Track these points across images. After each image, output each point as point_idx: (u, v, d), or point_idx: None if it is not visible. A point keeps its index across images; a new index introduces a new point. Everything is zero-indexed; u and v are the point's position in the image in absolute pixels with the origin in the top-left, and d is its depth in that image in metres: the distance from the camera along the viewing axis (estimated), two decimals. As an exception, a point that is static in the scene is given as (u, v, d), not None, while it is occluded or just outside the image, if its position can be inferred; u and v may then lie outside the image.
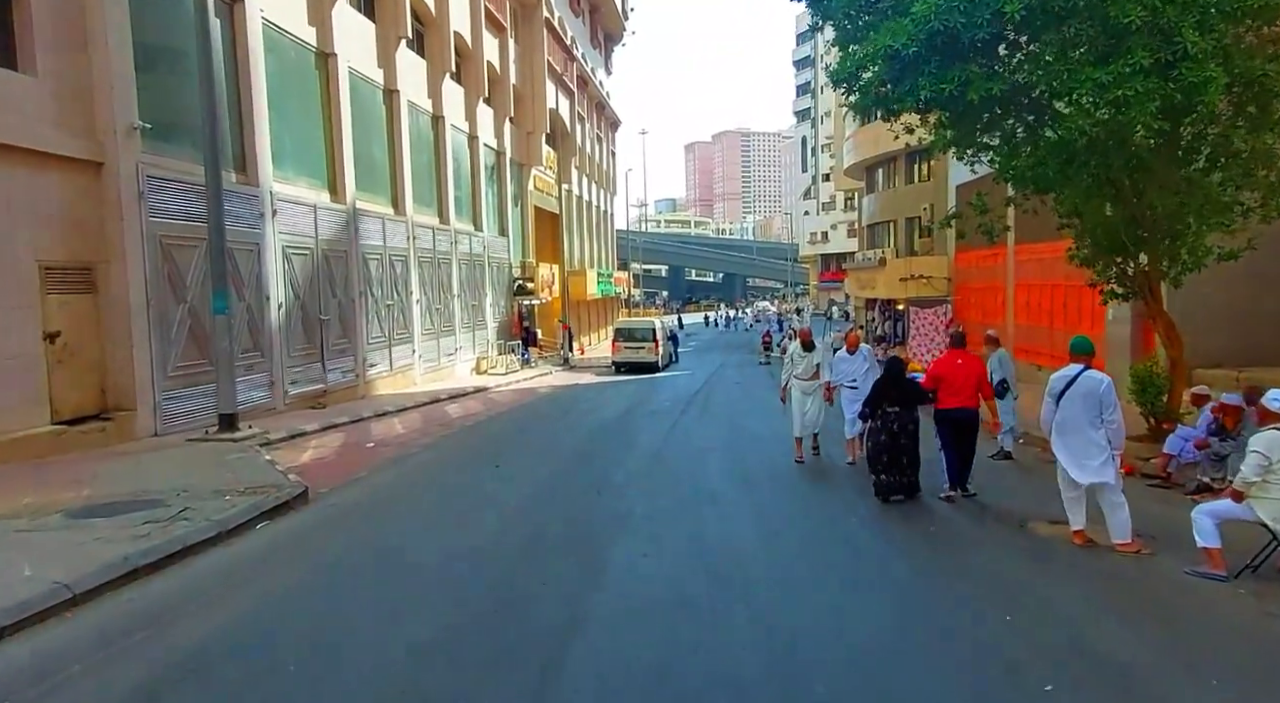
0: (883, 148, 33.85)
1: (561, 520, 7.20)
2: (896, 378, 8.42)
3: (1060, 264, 18.92)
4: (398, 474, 9.70)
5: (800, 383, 10.30)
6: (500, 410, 17.26)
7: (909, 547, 6.52)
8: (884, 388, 8.29)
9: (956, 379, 8.17)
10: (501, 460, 10.53)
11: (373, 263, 19.50)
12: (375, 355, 19.53)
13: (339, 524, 7.29)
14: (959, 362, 8.37)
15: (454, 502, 8.17)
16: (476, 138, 27.54)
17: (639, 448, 11.51)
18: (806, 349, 10.35)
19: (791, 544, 6.55)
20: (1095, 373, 6.45)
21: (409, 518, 7.59)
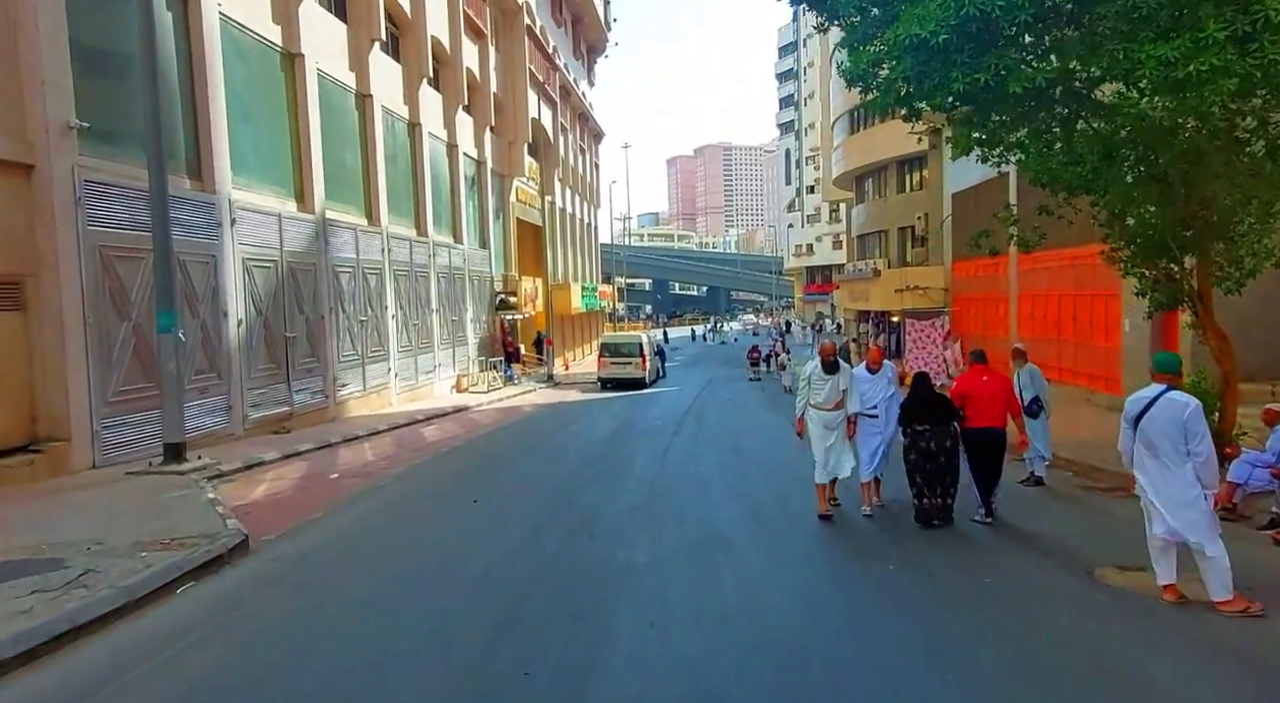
0: (873, 157, 33.19)
1: (550, 576, 6.03)
2: (924, 396, 7.93)
3: (1069, 273, 18.12)
4: (359, 515, 8.46)
5: (820, 414, 8.09)
6: (481, 433, 16.10)
7: (968, 606, 5.40)
8: (912, 407, 7.87)
9: (982, 397, 7.75)
10: (480, 494, 9.38)
11: (344, 276, 18.34)
12: (347, 375, 18.32)
13: (278, 586, 6.06)
14: (984, 379, 7.92)
15: (422, 553, 6.93)
16: (456, 147, 26.49)
17: (632, 476, 10.40)
18: (829, 370, 7.99)
19: (826, 605, 5.41)
20: (1179, 395, 5.43)
21: (363, 578, 6.24)
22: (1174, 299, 9.39)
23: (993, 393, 7.78)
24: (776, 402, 22.13)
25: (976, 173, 23.27)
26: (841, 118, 35.97)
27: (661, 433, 15.28)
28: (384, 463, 11.98)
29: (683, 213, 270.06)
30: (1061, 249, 17.98)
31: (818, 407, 8.14)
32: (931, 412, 7.73)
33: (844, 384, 8.06)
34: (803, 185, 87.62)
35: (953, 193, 25.27)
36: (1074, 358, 17.69)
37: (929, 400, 7.87)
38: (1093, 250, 16.97)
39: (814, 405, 8.16)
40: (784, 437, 14.83)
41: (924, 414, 7.72)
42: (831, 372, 8.05)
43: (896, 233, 32.98)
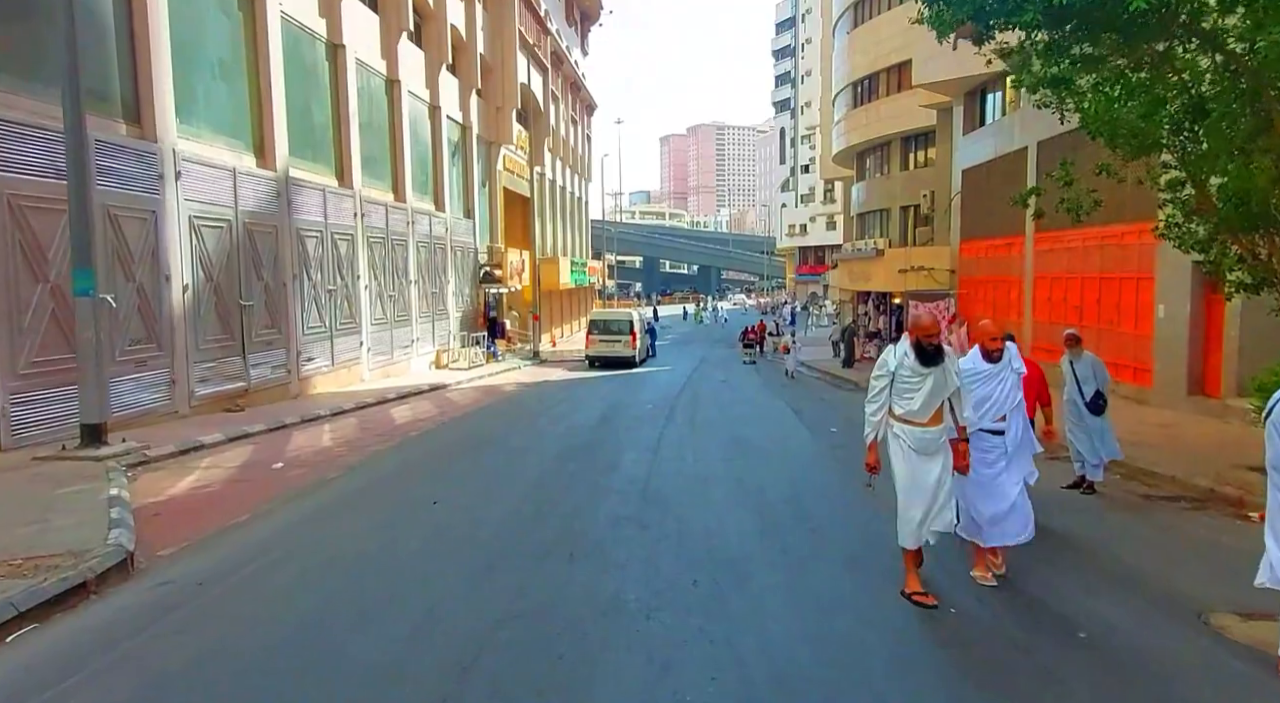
0: (876, 132, 31.76)
1: (514, 619, 4.59)
2: None
3: (1095, 254, 16.86)
4: (292, 520, 7.00)
5: (911, 432, 5.15)
6: (456, 415, 14.72)
7: (1077, 679, 4.06)
8: None
9: None
10: (442, 494, 8.01)
11: (310, 241, 16.82)
12: (313, 348, 16.87)
13: (148, 634, 4.49)
14: None
15: (356, 579, 5.42)
16: (439, 108, 24.84)
17: (621, 474, 9.06)
18: (927, 360, 5.03)
19: (877, 676, 4.07)
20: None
21: (268, 623, 4.67)
22: (1262, 280, 8.06)
23: (1024, 382, 6.61)
24: (774, 385, 20.86)
25: (990, 147, 21.92)
26: (844, 91, 34.44)
27: (653, 419, 13.96)
28: (340, 450, 10.59)
29: (675, 192, 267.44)
30: (1086, 228, 16.64)
31: (907, 420, 5.12)
32: None
33: (953, 384, 5.11)
34: (797, 164, 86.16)
35: (963, 169, 23.89)
36: (1097, 346, 16.29)
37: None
38: (1123, 229, 15.77)
39: (901, 418, 5.16)
40: (788, 426, 13.57)
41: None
42: (931, 363, 4.99)
43: (899, 212, 31.65)
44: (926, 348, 4.99)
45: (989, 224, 22.09)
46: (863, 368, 25.36)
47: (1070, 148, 17.60)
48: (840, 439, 12.11)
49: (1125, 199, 15.39)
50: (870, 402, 5.29)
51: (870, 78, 31.91)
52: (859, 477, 8.85)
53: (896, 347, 5.24)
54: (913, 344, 5.08)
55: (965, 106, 23.76)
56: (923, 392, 5.04)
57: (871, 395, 5.27)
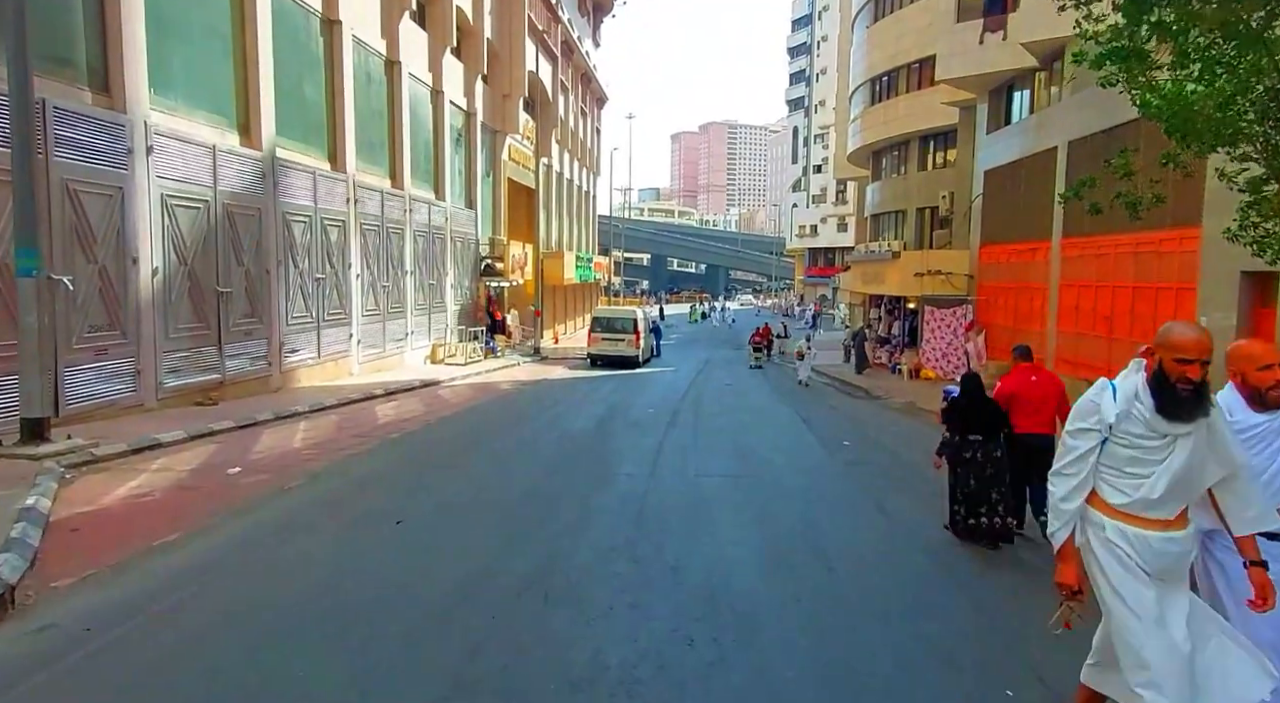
0: (894, 131, 30.76)
1: (460, 688, 3.73)
2: (977, 397, 6.86)
3: (1129, 261, 15.86)
4: (227, 543, 5.99)
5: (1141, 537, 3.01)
6: (444, 414, 13.83)
7: None
8: (963, 408, 6.84)
9: (1032, 398, 6.92)
10: (410, 510, 7.09)
11: (298, 226, 15.94)
12: (297, 339, 15.99)
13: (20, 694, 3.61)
14: (1033, 379, 7.07)
15: (285, 627, 4.45)
16: (441, 93, 23.95)
17: (615, 490, 8.15)
18: (1179, 413, 2.95)
19: None
20: None
21: (163, 687, 3.75)
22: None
23: (1044, 395, 6.92)
24: (781, 391, 19.92)
25: (1015, 147, 20.94)
26: (861, 88, 33.43)
27: (654, 425, 13.06)
28: (309, 453, 9.69)
29: (684, 189, 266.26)
30: (1119, 234, 15.71)
31: (1131, 515, 3.06)
32: (985, 418, 6.72)
33: (1226, 456, 3.06)
34: (810, 164, 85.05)
35: (986, 170, 22.89)
36: (1128, 359, 15.45)
37: (983, 404, 6.81)
38: (1161, 235, 14.79)
39: (1117, 511, 3.09)
40: (798, 437, 12.64)
41: (974, 421, 6.69)
42: (1184, 418, 2.96)
43: (915, 213, 30.65)
44: (1175, 392, 2.94)
45: (1012, 228, 21.10)
46: (874, 375, 24.45)
47: (1107, 148, 16.64)
48: (854, 454, 11.19)
49: (1166, 201, 14.42)
50: (1062, 475, 3.18)
51: (889, 74, 30.90)
52: (881, 503, 8.01)
53: (1115, 384, 3.24)
54: (1154, 386, 3.01)
55: (990, 104, 22.76)
56: (1169, 467, 2.98)
57: (1065, 463, 3.18)
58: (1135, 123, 15.33)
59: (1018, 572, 5.95)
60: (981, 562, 6.15)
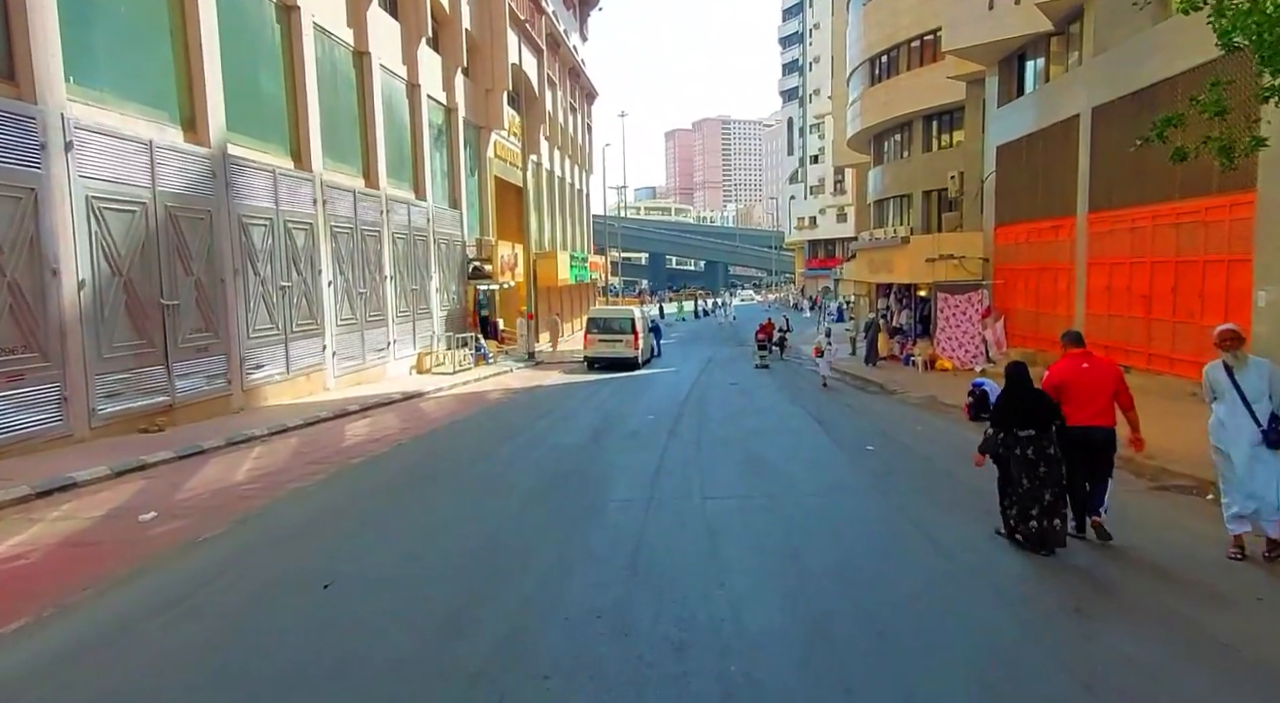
0: (896, 111, 29.34)
1: None
2: (1024, 387, 6.30)
3: (1169, 234, 14.42)
4: (98, 626, 4.65)
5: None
6: (420, 432, 12.47)
7: None
8: (1011, 404, 6.28)
9: (1085, 387, 6.30)
10: (346, 568, 5.67)
11: (257, 230, 14.58)
12: (261, 354, 14.64)
13: None
14: (1084, 366, 6.41)
15: None
16: (418, 87, 22.58)
17: (604, 525, 6.76)
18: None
19: None
20: None
21: None
22: None
23: (1097, 382, 6.27)
24: (790, 389, 18.52)
25: (1031, 119, 19.52)
26: (860, 68, 32.01)
27: (653, 436, 11.68)
28: (248, 488, 8.32)
29: (680, 187, 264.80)
30: (1158, 204, 14.32)
31: None
32: (1034, 411, 6.14)
33: None
34: (806, 155, 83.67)
35: (998, 145, 21.49)
36: (1170, 341, 14.08)
37: (1029, 395, 6.22)
38: (1207, 203, 13.37)
39: None
40: (814, 443, 11.26)
41: (1026, 414, 6.13)
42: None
43: (921, 197, 29.23)
44: None
45: (1030, 205, 19.70)
46: (886, 367, 23.05)
47: (1138, 112, 15.24)
48: (881, 460, 9.81)
49: (1209, 166, 13.04)
50: None
51: (889, 52, 29.50)
52: (925, 527, 6.61)
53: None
54: None
55: (1000, 76, 21.35)
56: None
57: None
58: (1173, 81, 13.95)
59: (1130, 622, 4.57)
60: (1073, 612, 4.77)
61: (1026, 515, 5.95)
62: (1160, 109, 14.62)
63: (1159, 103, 14.35)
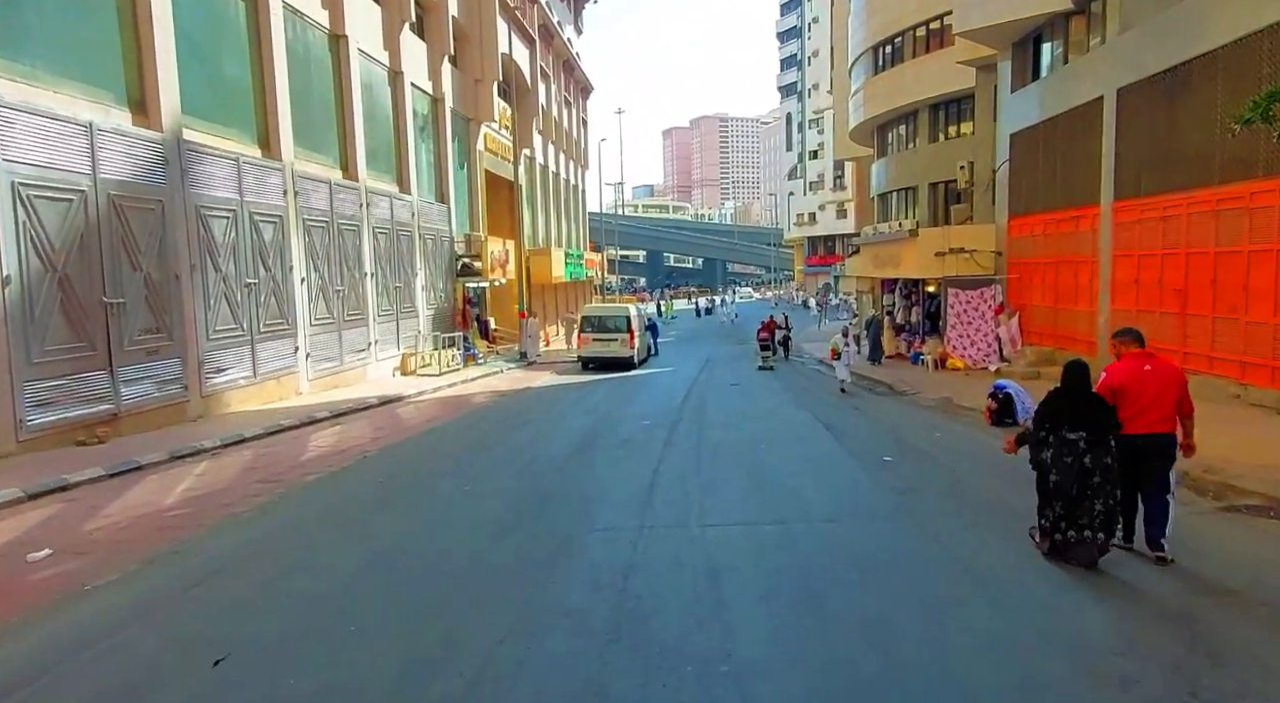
0: (901, 100, 28.21)
1: None
2: (1080, 390, 5.76)
3: (1208, 222, 13.14)
4: None
5: None
6: (392, 442, 11.35)
7: None
8: (1061, 404, 5.75)
9: (1147, 391, 5.78)
10: (247, 635, 4.51)
11: (218, 222, 13.46)
12: (223, 356, 13.53)
13: None
14: (1146, 368, 5.89)
15: None
16: (401, 74, 21.46)
17: (584, 565, 5.63)
18: None
19: None
20: None
21: None
22: None
23: (1161, 386, 5.81)
24: (794, 389, 17.42)
25: (1048, 103, 18.35)
26: (862, 58, 30.89)
27: (647, 444, 10.59)
28: (175, 515, 7.20)
29: (678, 185, 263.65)
30: (1194, 190, 13.23)
31: None
32: (1092, 414, 5.64)
33: None
34: (805, 150, 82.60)
35: (1011, 133, 20.39)
36: (1209, 339, 12.97)
37: (1084, 396, 5.74)
38: (1253, 188, 12.19)
39: None
40: (825, 452, 10.16)
41: (1078, 417, 5.63)
42: None
43: (928, 189, 28.11)
44: None
45: (1048, 195, 18.60)
46: (893, 366, 21.96)
47: (1171, 91, 14.15)
48: (902, 475, 8.71)
49: (1256, 147, 11.96)
50: None
51: (894, 39, 28.39)
52: (971, 565, 5.50)
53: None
54: None
55: (1014, 60, 20.23)
56: None
57: None
58: (1212, 56, 12.85)
59: None
60: (1189, 700, 3.67)
61: (1075, 524, 5.50)
62: (1196, 88, 13.59)
63: (1195, 81, 13.27)
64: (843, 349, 17.32)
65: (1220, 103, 12.60)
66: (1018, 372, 17.43)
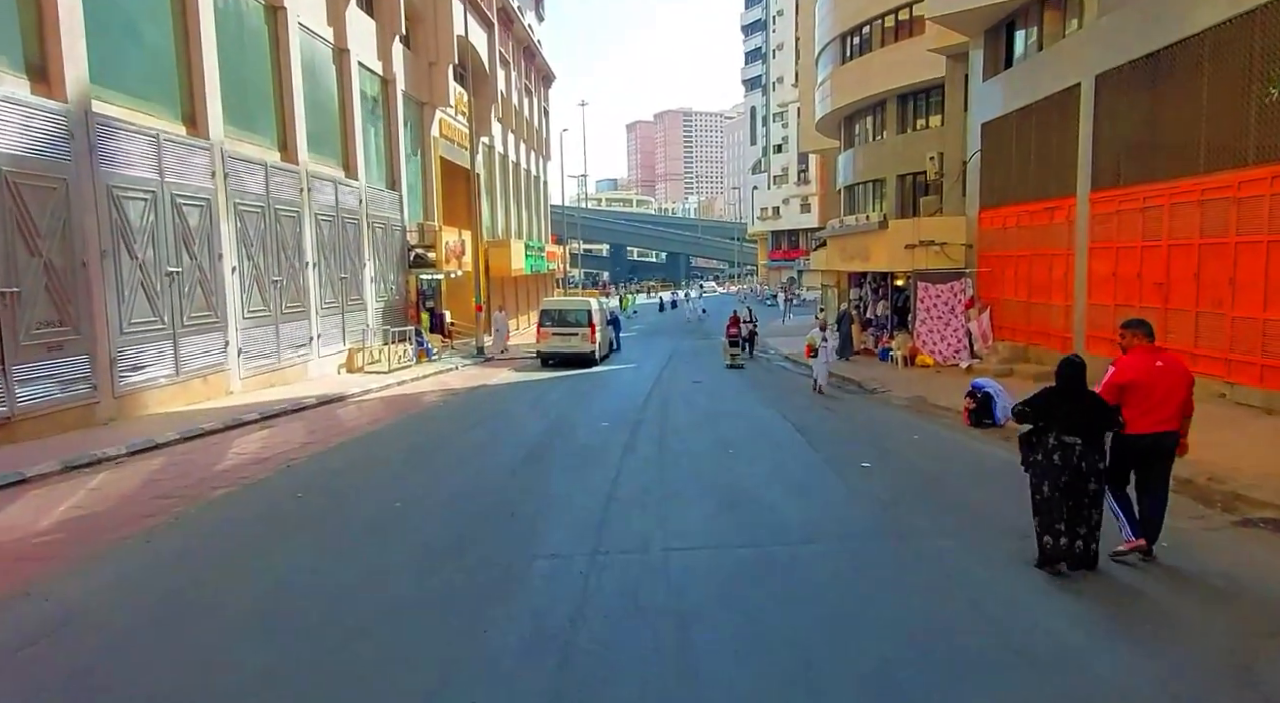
0: (869, 90, 27.63)
1: None
2: (1076, 389, 5.36)
3: (1193, 213, 12.58)
4: None
5: None
6: (323, 447, 10.27)
7: None
8: (1057, 403, 5.35)
9: (1156, 389, 5.43)
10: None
11: (134, 205, 12.21)
12: (141, 353, 12.29)
13: None
14: (1158, 364, 5.53)
15: None
16: (347, 52, 20.18)
17: (523, 609, 4.66)
18: None
19: None
20: None
21: None
22: None
23: (1172, 384, 5.48)
24: (762, 386, 16.64)
25: (1022, 92, 17.80)
26: (830, 46, 30.24)
27: (606, 450, 9.69)
28: (40, 544, 6.04)
29: (642, 179, 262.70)
30: (1177, 180, 12.68)
31: None
32: (1084, 416, 5.29)
33: None
34: (769, 144, 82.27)
35: (983, 122, 19.84)
36: (1192, 335, 12.45)
37: (1080, 394, 5.37)
38: (1240, 177, 11.63)
39: None
40: (798, 458, 9.35)
41: (1074, 418, 5.27)
42: None
43: (896, 181, 27.60)
44: None
45: (1021, 186, 18.06)
46: (861, 362, 21.33)
47: (1154, 76, 13.59)
48: (884, 484, 7.93)
49: (1245, 134, 11.42)
50: None
51: (862, 27, 27.78)
52: (979, 602, 4.65)
53: None
54: None
55: (986, 47, 19.66)
56: None
57: None
58: (1199, 38, 12.28)
59: None
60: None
61: (1071, 532, 5.19)
62: (1181, 74, 13.02)
63: (1179, 65, 12.73)
64: (820, 346, 15.98)
65: (1207, 88, 12.06)
66: (990, 368, 16.88)
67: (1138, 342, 5.66)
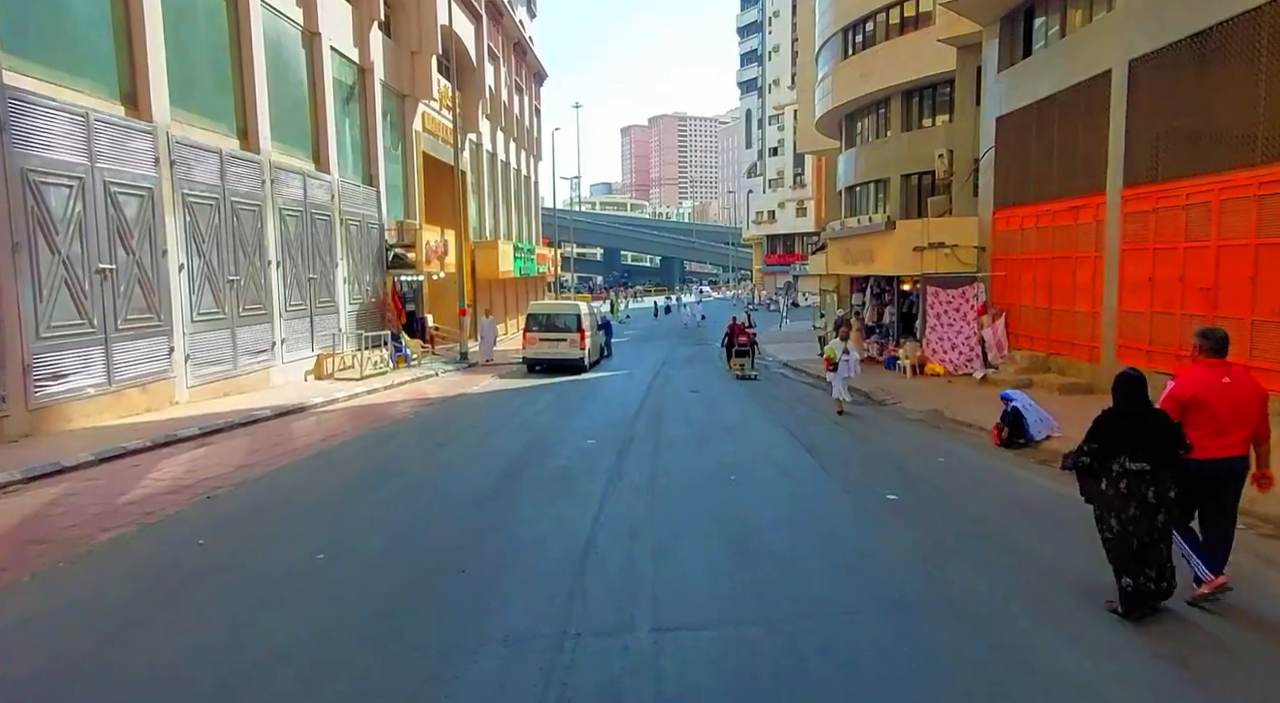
0: (871, 86, 26.30)
1: None
2: (1141, 410, 4.72)
3: (1249, 209, 11.04)
4: None
5: None
6: (264, 470, 8.84)
7: None
8: (1119, 425, 4.68)
9: (1223, 409, 4.80)
10: None
11: (54, 193, 10.76)
12: (64, 359, 10.84)
13: None
14: (1225, 380, 4.87)
15: None
16: (318, 35, 18.78)
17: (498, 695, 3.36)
18: None
19: None
20: None
21: None
22: None
23: (1242, 404, 4.77)
24: (761, 397, 15.25)
25: (1042, 83, 16.48)
26: (830, 42, 28.97)
27: (591, 474, 8.31)
28: None
29: (636, 183, 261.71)
30: (1224, 173, 11.39)
31: None
32: (1151, 438, 4.61)
33: None
34: (765, 147, 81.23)
35: (997, 116, 18.55)
36: (1245, 346, 11.07)
37: (1145, 415, 4.67)
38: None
39: None
40: (810, 484, 7.97)
41: (1139, 443, 4.59)
42: None
43: (900, 181, 26.28)
44: None
45: (1041, 184, 16.76)
46: (867, 371, 19.99)
47: (1202, 56, 12.32)
48: (919, 525, 6.56)
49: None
50: None
51: (865, 21, 26.50)
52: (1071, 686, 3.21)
53: None
54: None
55: (1002, 36, 18.38)
56: None
57: None
58: (1255, 14, 11.03)
59: None
60: None
61: (1144, 574, 4.59)
62: (1235, 52, 11.74)
63: (1233, 45, 11.46)
64: (840, 357, 13.80)
65: (1265, 69, 10.77)
66: (1008, 379, 15.57)
67: (1205, 355, 4.98)
